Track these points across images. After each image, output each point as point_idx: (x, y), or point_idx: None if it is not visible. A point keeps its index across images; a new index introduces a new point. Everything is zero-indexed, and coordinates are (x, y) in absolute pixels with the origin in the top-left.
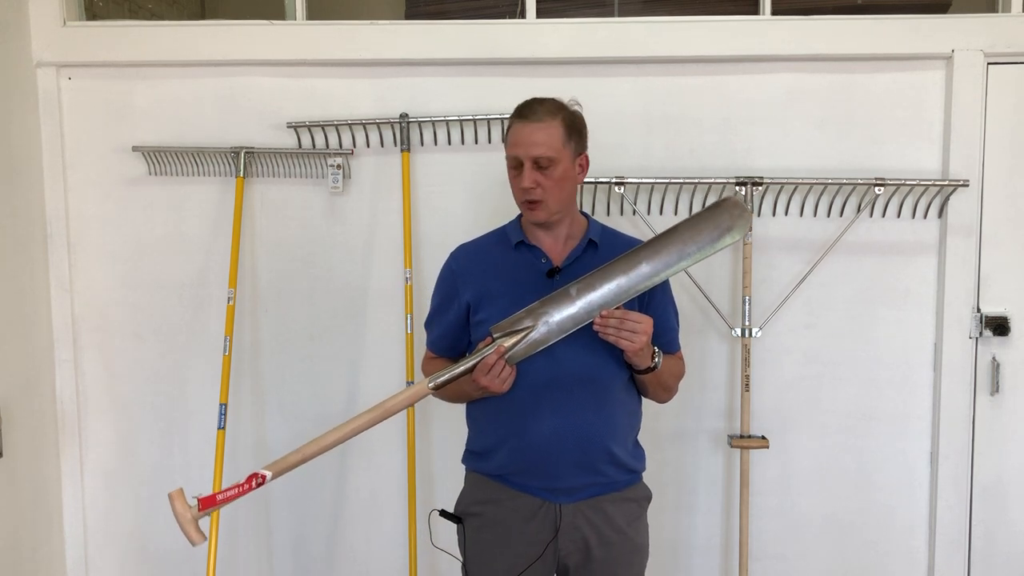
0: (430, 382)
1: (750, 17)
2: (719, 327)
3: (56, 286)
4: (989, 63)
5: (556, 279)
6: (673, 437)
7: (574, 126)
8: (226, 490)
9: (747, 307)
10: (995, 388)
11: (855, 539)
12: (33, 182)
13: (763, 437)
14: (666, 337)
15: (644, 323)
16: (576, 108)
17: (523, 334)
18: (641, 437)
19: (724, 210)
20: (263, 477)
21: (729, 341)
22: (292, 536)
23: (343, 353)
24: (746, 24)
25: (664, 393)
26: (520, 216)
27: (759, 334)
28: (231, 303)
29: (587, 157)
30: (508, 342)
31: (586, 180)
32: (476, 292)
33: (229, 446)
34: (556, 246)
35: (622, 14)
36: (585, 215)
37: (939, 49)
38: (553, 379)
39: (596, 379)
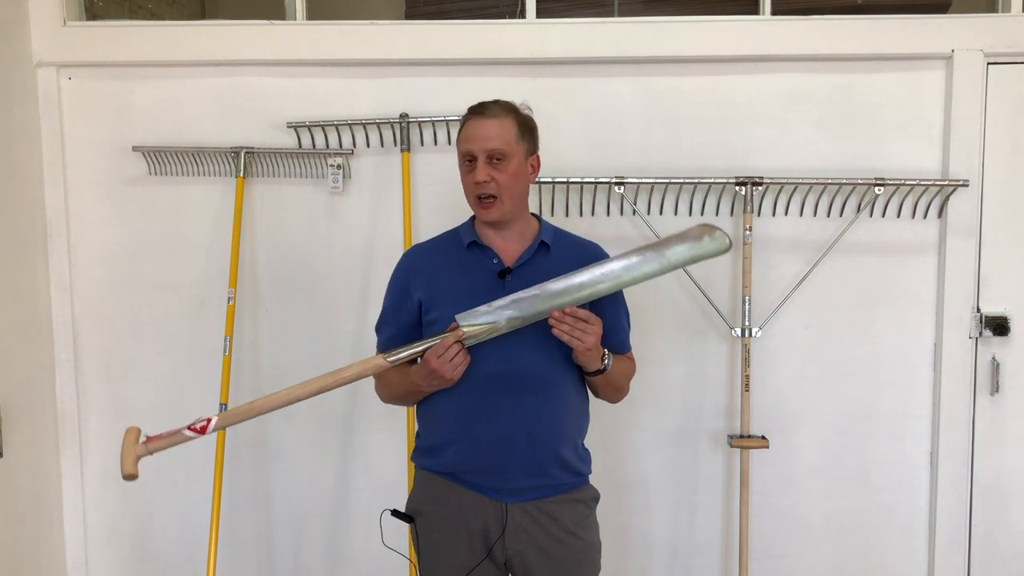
0: (387, 357)
1: (750, 17)
2: (719, 327)
3: (56, 286)
4: (989, 63)
5: (507, 280)
6: (673, 437)
7: (526, 125)
8: (173, 430)
9: (747, 307)
10: (995, 388)
11: (855, 539)
12: (33, 182)
13: (763, 437)
14: (616, 337)
15: (595, 324)
16: (527, 111)
17: (484, 320)
18: (639, 436)
19: (704, 234)
20: (208, 420)
21: (729, 341)
22: (292, 536)
23: (343, 353)
24: (746, 24)
25: (615, 393)
26: (474, 217)
27: (759, 334)
28: (231, 303)
29: (539, 158)
30: (468, 330)
31: (586, 180)
32: (428, 291)
33: (229, 446)
34: (508, 247)
35: (622, 14)
36: (537, 217)
37: (939, 49)
38: (504, 378)
39: (547, 380)
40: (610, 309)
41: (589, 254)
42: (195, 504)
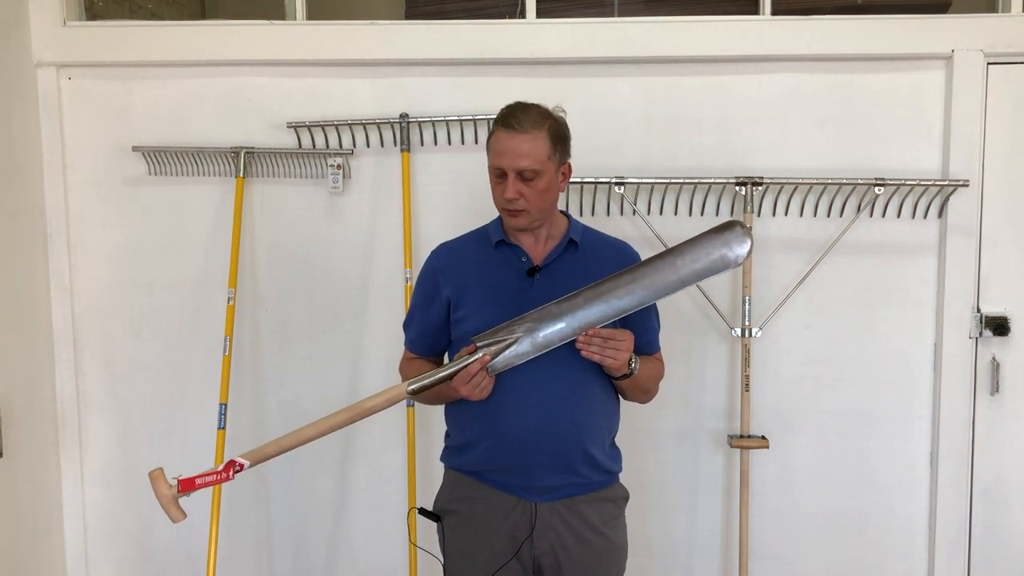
0: (409, 385)
1: (750, 17)
2: (719, 327)
3: (56, 286)
4: (989, 63)
5: (536, 278)
6: (673, 437)
7: (559, 135)
8: (205, 474)
9: (747, 307)
10: (995, 388)
11: (855, 539)
12: (33, 182)
13: (763, 437)
14: (647, 338)
15: (627, 340)
16: (561, 115)
17: (506, 343)
18: (639, 437)
19: (727, 238)
20: (240, 465)
21: (729, 341)
22: (292, 536)
23: (343, 353)
24: (746, 24)
25: (643, 396)
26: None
27: (759, 334)
28: (231, 303)
29: (570, 165)
30: (491, 351)
31: (586, 180)
32: (457, 288)
33: (229, 446)
34: (537, 245)
35: (622, 14)
36: (566, 215)
37: (939, 49)
38: (532, 378)
39: (575, 380)
40: (643, 310)
41: (618, 252)
42: (195, 504)
